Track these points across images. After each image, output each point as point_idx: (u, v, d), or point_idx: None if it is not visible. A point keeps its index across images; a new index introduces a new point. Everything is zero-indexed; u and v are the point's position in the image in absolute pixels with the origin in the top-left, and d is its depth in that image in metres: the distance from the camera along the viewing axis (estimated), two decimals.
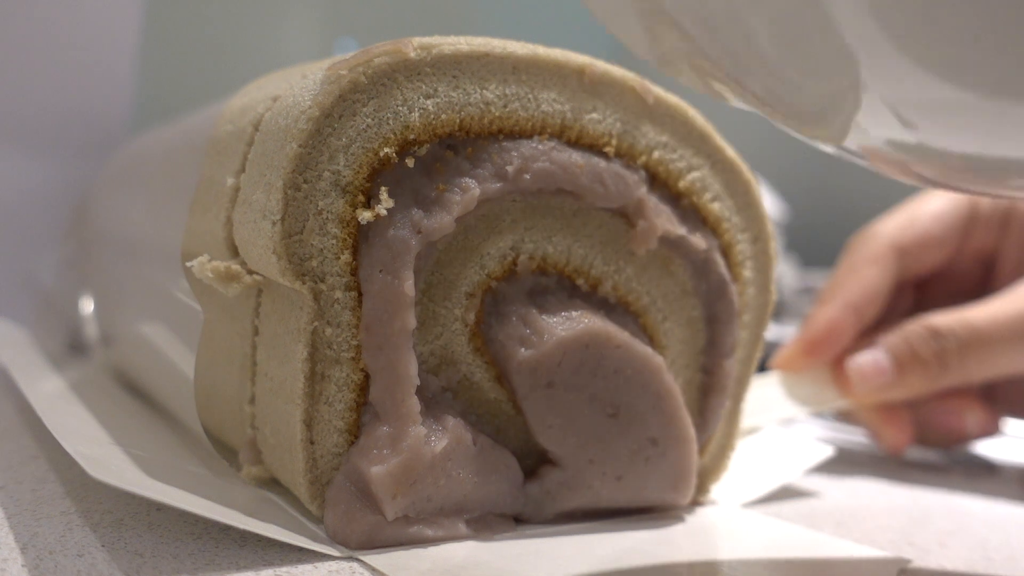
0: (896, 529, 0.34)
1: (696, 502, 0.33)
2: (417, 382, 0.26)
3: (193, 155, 0.32)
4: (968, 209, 0.46)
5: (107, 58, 0.55)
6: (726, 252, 0.33)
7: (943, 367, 0.41)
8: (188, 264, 0.28)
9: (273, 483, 0.29)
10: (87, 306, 0.53)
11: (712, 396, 0.33)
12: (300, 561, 0.24)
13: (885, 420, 0.44)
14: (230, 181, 0.28)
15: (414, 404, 0.26)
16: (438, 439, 0.26)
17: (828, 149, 0.25)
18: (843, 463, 0.45)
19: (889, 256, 0.46)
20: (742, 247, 0.33)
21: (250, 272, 0.28)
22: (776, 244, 0.34)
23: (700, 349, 0.33)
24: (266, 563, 0.24)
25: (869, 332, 0.45)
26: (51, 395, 0.37)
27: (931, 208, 0.47)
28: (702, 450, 0.33)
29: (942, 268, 0.48)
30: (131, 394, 0.41)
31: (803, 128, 0.24)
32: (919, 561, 0.30)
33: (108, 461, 0.27)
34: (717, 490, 0.34)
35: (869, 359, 0.42)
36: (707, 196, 0.32)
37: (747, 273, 0.33)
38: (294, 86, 0.27)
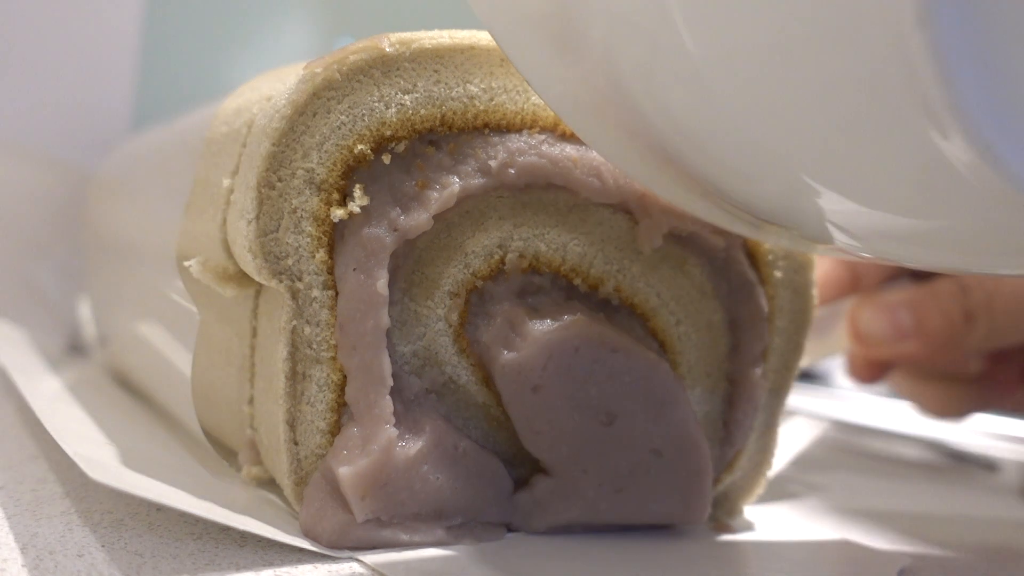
0: (896, 529, 0.34)
1: (724, 525, 0.32)
2: (391, 383, 0.27)
3: (190, 156, 0.33)
4: None
5: (107, 58, 0.55)
6: (752, 251, 0.32)
7: (969, 322, 0.39)
8: (186, 264, 0.28)
9: (273, 483, 0.30)
10: (85, 307, 0.53)
11: (738, 407, 0.32)
12: (300, 561, 0.25)
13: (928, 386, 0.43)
14: (226, 182, 0.29)
15: (387, 405, 0.27)
16: (412, 442, 0.27)
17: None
18: (843, 463, 0.45)
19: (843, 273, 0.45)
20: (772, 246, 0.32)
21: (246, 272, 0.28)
22: None
23: (723, 356, 0.32)
24: (266, 563, 0.24)
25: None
26: (50, 396, 0.37)
27: None
28: (730, 466, 0.33)
29: None
30: (129, 395, 0.41)
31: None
32: (919, 561, 0.30)
33: (107, 462, 0.27)
34: None
35: (884, 305, 0.41)
36: None
37: (778, 274, 0.32)
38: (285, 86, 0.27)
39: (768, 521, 0.33)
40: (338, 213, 0.27)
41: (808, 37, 0.18)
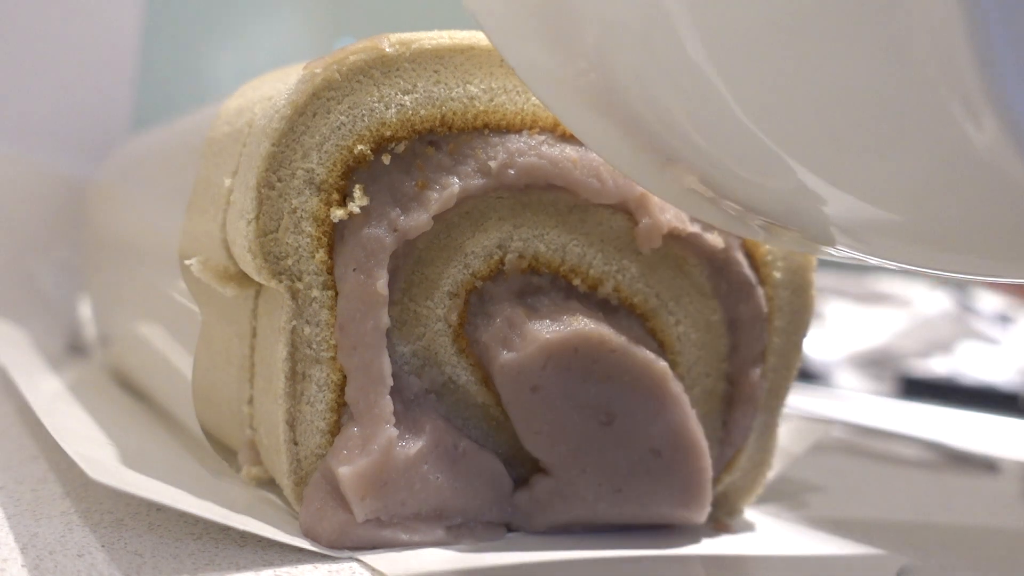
0: (896, 529, 0.34)
1: (724, 525, 0.32)
2: (391, 383, 0.27)
3: (191, 156, 0.33)
4: None
5: (107, 58, 0.55)
6: (751, 251, 0.32)
7: None
8: (187, 263, 0.28)
9: (273, 483, 0.30)
10: (85, 307, 0.53)
11: (737, 407, 0.32)
12: (300, 561, 0.25)
13: None
14: (227, 182, 0.28)
15: (387, 405, 0.27)
16: (412, 442, 0.26)
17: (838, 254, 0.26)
18: (843, 463, 0.45)
19: None
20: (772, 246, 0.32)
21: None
22: None
23: (722, 356, 0.32)
24: (266, 563, 0.24)
25: None
26: (50, 396, 0.37)
27: None
28: (729, 466, 0.33)
29: None
30: (130, 395, 0.41)
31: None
32: (919, 561, 0.30)
33: (107, 462, 0.27)
34: None
35: None
36: None
37: (777, 275, 0.32)
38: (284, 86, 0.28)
39: (768, 521, 0.33)
40: (338, 213, 0.27)
41: (831, 21, 0.18)
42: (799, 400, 0.52)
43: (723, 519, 0.33)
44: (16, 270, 0.53)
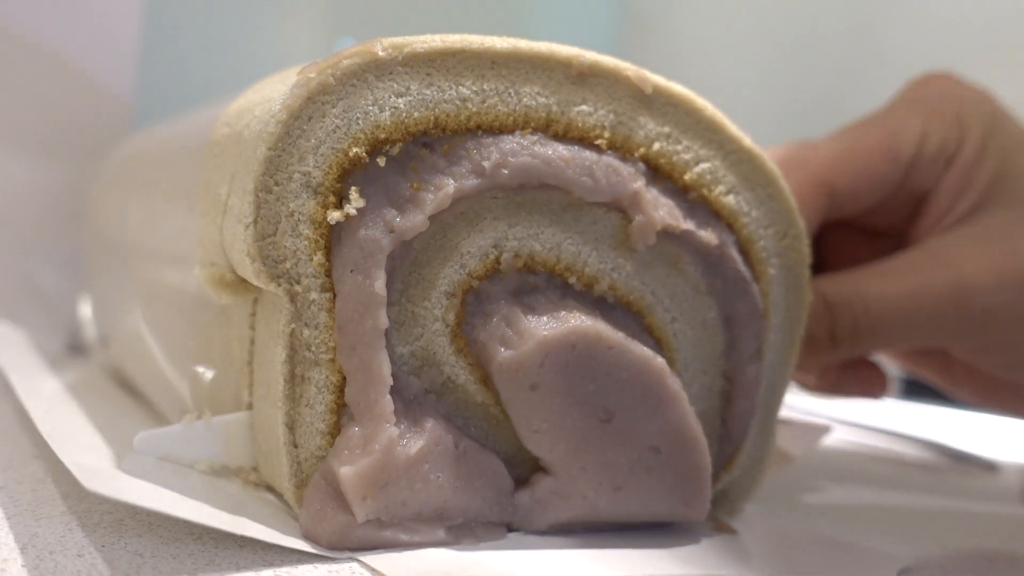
0: (896, 529, 0.34)
1: (725, 526, 0.32)
2: (391, 382, 0.27)
3: (192, 157, 0.33)
4: (915, 147, 0.41)
5: (107, 58, 0.55)
6: (745, 248, 0.32)
7: (834, 344, 0.38)
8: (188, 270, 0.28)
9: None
10: (86, 307, 0.53)
11: (736, 403, 0.32)
12: (300, 561, 0.25)
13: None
14: (226, 186, 0.28)
15: (387, 405, 0.27)
16: (413, 441, 0.27)
17: None
18: (843, 462, 0.45)
19: (819, 198, 0.40)
20: (765, 243, 0.33)
21: (243, 280, 0.28)
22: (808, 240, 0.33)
23: (720, 353, 0.33)
24: (266, 563, 0.24)
25: None
26: (48, 397, 0.37)
27: (875, 143, 0.41)
28: (728, 463, 0.33)
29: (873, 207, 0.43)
30: (129, 395, 0.41)
31: None
32: (919, 561, 0.30)
33: (104, 469, 0.28)
34: None
35: None
36: (719, 189, 0.32)
37: (772, 271, 0.33)
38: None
39: (768, 521, 0.33)
40: (335, 216, 0.27)
41: None
42: (799, 400, 0.52)
43: (723, 519, 0.33)
44: (16, 270, 0.54)
